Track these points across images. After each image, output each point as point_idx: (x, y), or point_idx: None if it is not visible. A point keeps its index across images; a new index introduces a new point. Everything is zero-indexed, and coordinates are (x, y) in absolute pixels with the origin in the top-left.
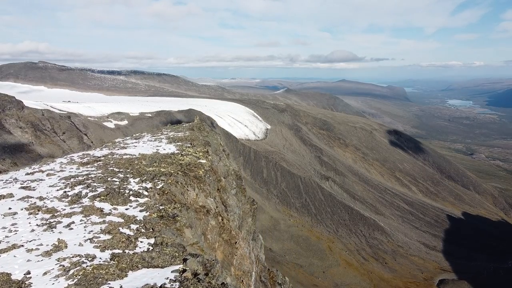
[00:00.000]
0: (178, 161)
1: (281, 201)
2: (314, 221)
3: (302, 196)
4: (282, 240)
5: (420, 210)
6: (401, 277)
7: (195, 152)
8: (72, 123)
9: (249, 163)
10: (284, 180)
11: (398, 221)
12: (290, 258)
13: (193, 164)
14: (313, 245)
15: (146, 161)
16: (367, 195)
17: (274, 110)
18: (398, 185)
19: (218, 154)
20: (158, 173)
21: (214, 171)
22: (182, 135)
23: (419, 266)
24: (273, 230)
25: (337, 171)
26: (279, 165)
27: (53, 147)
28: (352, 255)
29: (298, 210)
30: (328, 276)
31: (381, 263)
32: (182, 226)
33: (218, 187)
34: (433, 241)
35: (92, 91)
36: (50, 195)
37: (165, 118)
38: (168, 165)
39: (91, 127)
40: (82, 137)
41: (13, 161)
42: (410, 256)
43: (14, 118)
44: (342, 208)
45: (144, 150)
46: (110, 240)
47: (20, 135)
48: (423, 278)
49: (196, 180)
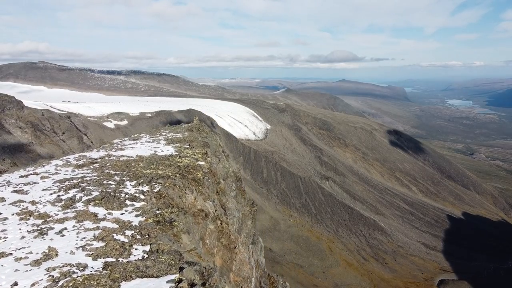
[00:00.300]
0: (176, 163)
1: (281, 201)
2: (314, 221)
3: (302, 196)
4: (282, 240)
5: (420, 210)
6: (401, 277)
7: (194, 154)
8: (72, 123)
9: (249, 163)
10: (284, 180)
11: (398, 221)
12: (290, 258)
13: (192, 166)
14: (313, 245)
15: (143, 163)
16: (367, 195)
17: (274, 110)
18: (398, 185)
19: (217, 156)
20: (156, 175)
21: (213, 173)
22: (180, 136)
23: (419, 266)
24: (273, 230)
25: (337, 171)
26: (279, 165)
27: (53, 147)
28: (352, 255)
29: (298, 210)
30: (328, 276)
31: (381, 263)
32: (179, 231)
33: (217, 190)
34: (433, 241)
35: (92, 91)
36: (43, 199)
37: (165, 118)
38: (165, 167)
39: (91, 127)
40: (82, 137)
41: (13, 161)
42: (410, 256)
43: (14, 118)
44: (342, 208)
45: (141, 151)
46: (103, 248)
47: (20, 135)
48: (423, 278)
49: (195, 183)
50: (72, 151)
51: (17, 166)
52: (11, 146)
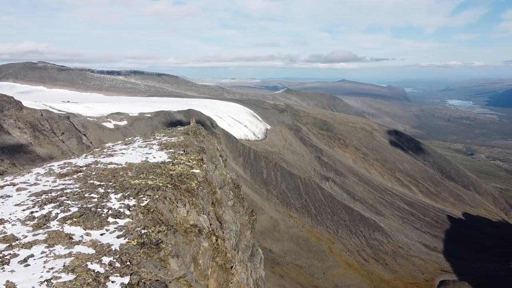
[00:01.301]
0: (168, 171)
1: (281, 202)
2: (314, 221)
3: (302, 197)
4: (282, 241)
5: (420, 210)
6: (402, 278)
7: (188, 161)
8: (71, 124)
9: (249, 163)
10: (284, 181)
11: (399, 221)
12: (290, 259)
13: (185, 174)
14: (313, 246)
15: (132, 172)
16: (367, 196)
17: (274, 110)
18: (399, 186)
19: (214, 162)
20: (145, 186)
21: (209, 182)
22: (175, 141)
23: (419, 267)
24: (273, 231)
25: (337, 171)
26: (279, 165)
27: (52, 147)
28: (352, 256)
29: (298, 210)
30: (328, 277)
31: (381, 264)
32: (167, 255)
33: (212, 201)
34: (433, 242)
35: (92, 91)
36: (14, 216)
37: (165, 119)
38: (156, 176)
39: (90, 127)
40: (81, 137)
41: (12, 161)
42: (410, 257)
43: (13, 119)
44: (342, 208)
45: (132, 158)
46: (73, 282)
47: (18, 136)
48: (424, 279)
49: (188, 194)
50: (72, 152)
51: (15, 166)
52: (10, 146)
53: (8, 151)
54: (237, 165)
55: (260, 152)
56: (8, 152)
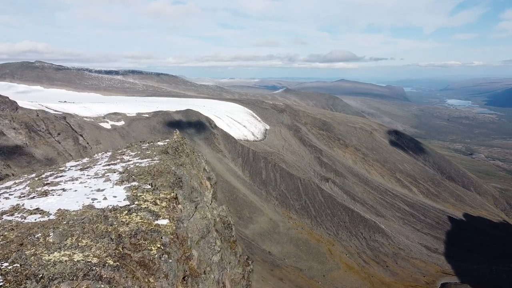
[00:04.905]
0: (117, 227)
1: (280, 203)
2: (314, 223)
3: (301, 198)
4: (281, 243)
5: (421, 211)
6: (403, 280)
7: (155, 202)
8: (68, 124)
9: (248, 164)
10: (283, 182)
11: (399, 223)
12: (290, 262)
13: (144, 231)
14: (313, 248)
15: (56, 233)
16: (367, 197)
17: (273, 110)
18: (399, 186)
19: (194, 199)
20: (64, 268)
21: (181, 239)
22: (146, 165)
23: (420, 269)
24: (272, 232)
25: (337, 172)
26: (278, 166)
27: (48, 148)
28: (352, 258)
29: (298, 212)
30: (329, 280)
31: (382, 266)
32: None
33: (184, 274)
34: (434, 243)
35: (89, 91)
36: None
37: (163, 119)
38: (93, 240)
39: (87, 127)
40: (77, 138)
41: (6, 163)
42: (411, 259)
43: (8, 119)
44: (342, 210)
45: (71, 200)
46: None
47: (14, 137)
48: (425, 281)
49: (142, 271)
50: (68, 153)
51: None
52: (5, 148)
53: (3, 152)
54: (236, 165)
55: (259, 153)
56: (3, 154)
